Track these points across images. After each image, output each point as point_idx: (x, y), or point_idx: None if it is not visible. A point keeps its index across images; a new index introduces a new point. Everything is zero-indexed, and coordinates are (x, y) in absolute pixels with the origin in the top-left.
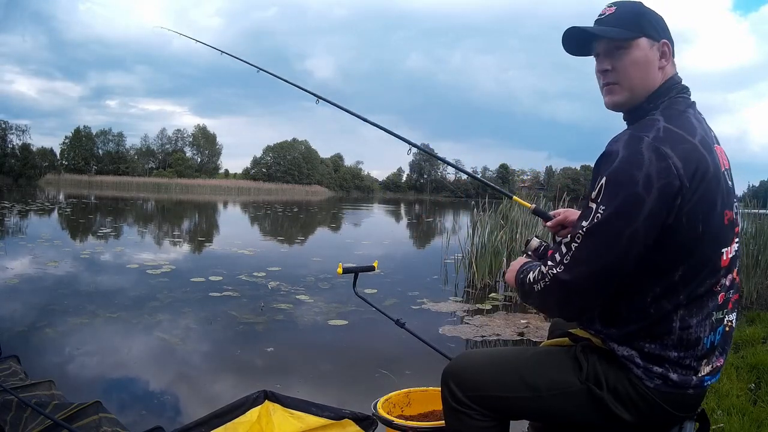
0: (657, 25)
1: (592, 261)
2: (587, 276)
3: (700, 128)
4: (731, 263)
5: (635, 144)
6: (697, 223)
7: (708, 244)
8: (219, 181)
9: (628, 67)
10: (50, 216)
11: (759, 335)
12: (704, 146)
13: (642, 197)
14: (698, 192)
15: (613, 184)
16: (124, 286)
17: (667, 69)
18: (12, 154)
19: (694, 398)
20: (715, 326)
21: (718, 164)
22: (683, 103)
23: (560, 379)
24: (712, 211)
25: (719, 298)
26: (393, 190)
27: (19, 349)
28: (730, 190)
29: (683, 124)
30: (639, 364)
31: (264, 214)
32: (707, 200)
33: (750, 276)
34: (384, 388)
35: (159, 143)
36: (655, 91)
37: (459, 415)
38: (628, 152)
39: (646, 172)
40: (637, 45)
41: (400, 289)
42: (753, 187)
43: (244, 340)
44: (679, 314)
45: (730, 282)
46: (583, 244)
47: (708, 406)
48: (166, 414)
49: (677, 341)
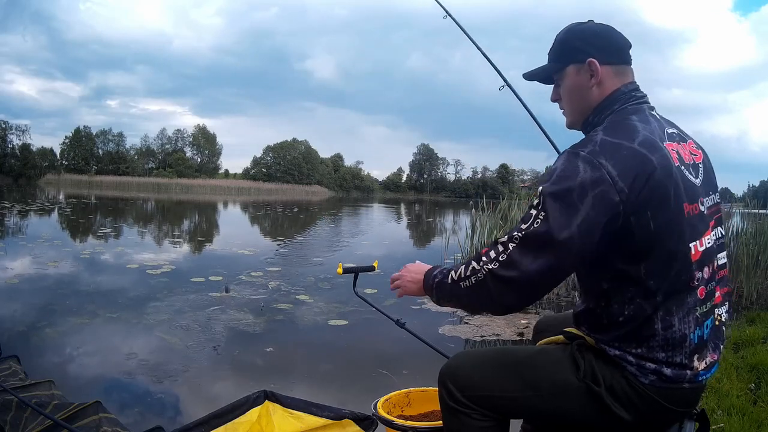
0: (582, 45)
1: (526, 264)
2: (522, 276)
3: (645, 130)
4: (706, 255)
5: (572, 159)
6: (647, 221)
7: (668, 240)
8: (219, 181)
9: (565, 95)
10: (50, 216)
11: (759, 335)
12: (647, 147)
13: (576, 206)
14: (642, 193)
15: (550, 195)
16: (124, 286)
17: (607, 83)
18: (12, 154)
19: (691, 393)
20: (701, 321)
21: (669, 161)
22: (629, 110)
23: (558, 377)
24: (664, 207)
25: (698, 293)
26: (393, 190)
27: (19, 349)
28: (693, 184)
29: (622, 131)
30: (632, 362)
31: (264, 214)
32: (655, 198)
33: (750, 276)
34: (384, 388)
35: (159, 143)
36: (597, 107)
37: (457, 415)
38: (565, 166)
39: (580, 182)
40: (566, 74)
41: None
42: (753, 187)
43: (244, 340)
44: (659, 314)
45: (709, 275)
46: (520, 246)
47: (708, 406)
48: (166, 414)
49: (663, 342)
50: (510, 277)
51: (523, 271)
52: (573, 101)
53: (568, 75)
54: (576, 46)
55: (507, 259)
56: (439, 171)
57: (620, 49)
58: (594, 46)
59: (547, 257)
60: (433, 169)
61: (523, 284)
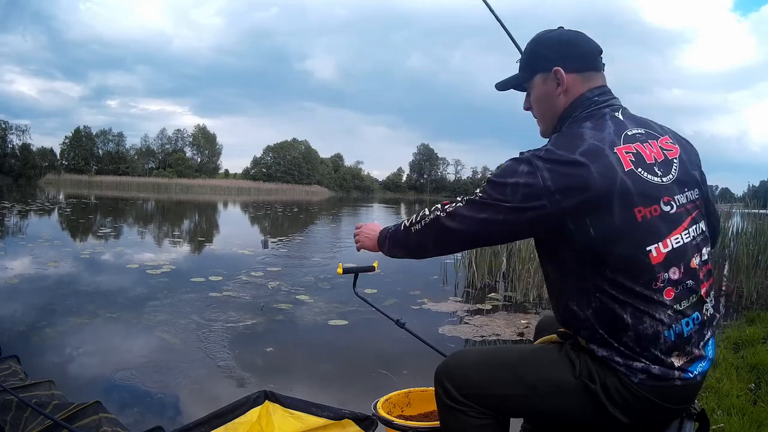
0: (548, 54)
1: (464, 221)
2: (459, 229)
3: (593, 138)
4: (674, 255)
5: (517, 161)
6: (587, 228)
7: (616, 246)
8: (219, 181)
9: (534, 104)
10: (50, 216)
11: (759, 335)
12: (588, 156)
13: (508, 198)
14: (577, 202)
15: (492, 183)
16: (124, 286)
17: (573, 90)
18: (12, 154)
19: (683, 390)
20: (676, 318)
21: (613, 170)
22: (584, 117)
23: (555, 376)
24: (605, 215)
25: (665, 294)
26: (393, 190)
27: (19, 349)
28: (653, 185)
29: (568, 141)
30: (619, 362)
31: (264, 214)
32: (592, 207)
33: (750, 276)
34: (384, 388)
35: (159, 143)
36: (561, 115)
37: (454, 413)
38: (508, 165)
39: (514, 182)
40: (534, 84)
41: (400, 289)
42: (753, 187)
43: (244, 340)
44: (628, 315)
45: (680, 275)
46: (465, 204)
47: (708, 406)
48: (166, 414)
49: (637, 340)
50: (449, 227)
51: (462, 220)
52: (542, 110)
53: (536, 84)
54: (543, 55)
55: (452, 211)
56: (439, 171)
57: (588, 56)
58: (560, 54)
59: (484, 215)
60: (433, 169)
61: (459, 231)
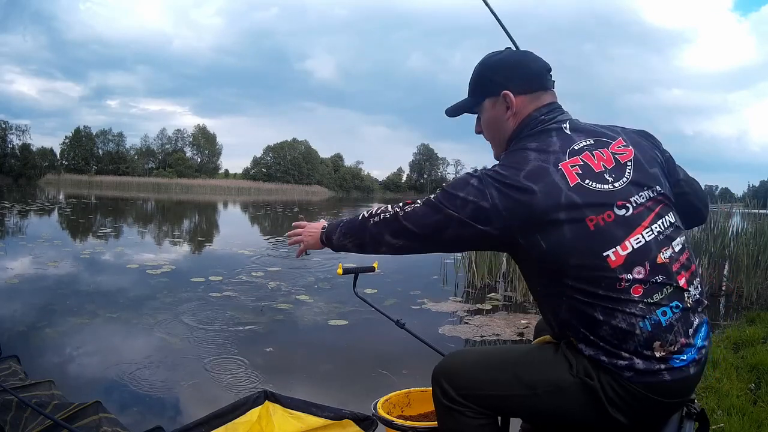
0: (496, 78)
1: (417, 222)
2: (412, 230)
3: (536, 159)
4: (638, 254)
5: (470, 176)
6: (538, 242)
7: (571, 257)
8: (219, 181)
9: (485, 127)
10: (50, 216)
11: (759, 335)
12: (532, 178)
13: (458, 211)
14: (524, 220)
15: (445, 192)
16: (124, 286)
17: (522, 112)
18: (12, 154)
19: (674, 383)
20: (650, 309)
21: (557, 188)
22: (529, 137)
23: (553, 375)
24: (554, 230)
25: (632, 291)
26: (393, 190)
27: (19, 349)
28: (603, 192)
29: (513, 162)
30: (604, 360)
31: (264, 214)
32: (540, 224)
33: (750, 276)
34: (384, 388)
35: (159, 143)
36: (509, 137)
37: (452, 413)
38: (462, 178)
39: (464, 196)
40: (484, 108)
41: (400, 289)
42: (753, 187)
43: (244, 340)
44: (599, 311)
45: (645, 273)
46: (420, 207)
47: (708, 406)
48: (166, 414)
49: (612, 333)
50: (405, 226)
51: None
52: (492, 133)
53: (485, 108)
54: (490, 79)
55: (410, 210)
56: (439, 171)
57: (536, 77)
58: (507, 77)
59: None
60: (433, 169)
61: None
